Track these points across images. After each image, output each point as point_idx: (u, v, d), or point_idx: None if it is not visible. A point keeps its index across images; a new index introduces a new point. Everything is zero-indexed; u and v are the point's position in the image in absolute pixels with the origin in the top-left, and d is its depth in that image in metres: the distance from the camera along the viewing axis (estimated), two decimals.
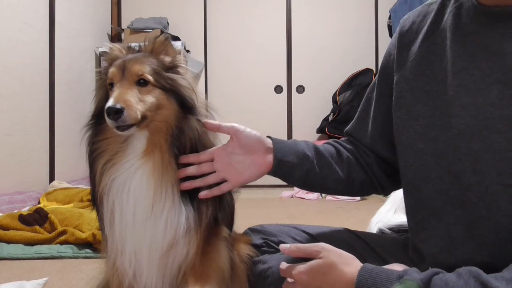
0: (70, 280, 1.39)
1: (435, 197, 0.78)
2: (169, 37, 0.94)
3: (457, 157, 0.72)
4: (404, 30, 0.87)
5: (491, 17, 0.67)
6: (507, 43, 0.65)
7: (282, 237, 1.03)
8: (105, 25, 4.14)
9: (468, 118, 0.70)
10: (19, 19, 2.72)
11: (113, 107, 0.79)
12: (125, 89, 0.84)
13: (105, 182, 0.86)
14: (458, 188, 0.73)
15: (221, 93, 4.21)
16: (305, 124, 4.29)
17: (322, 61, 4.30)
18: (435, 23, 0.79)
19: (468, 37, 0.71)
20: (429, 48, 0.78)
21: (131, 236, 0.86)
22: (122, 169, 0.86)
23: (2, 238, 1.79)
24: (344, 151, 0.99)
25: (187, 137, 0.87)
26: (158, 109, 0.86)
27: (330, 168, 0.95)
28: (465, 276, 0.60)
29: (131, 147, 0.87)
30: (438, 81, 0.76)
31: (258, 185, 4.04)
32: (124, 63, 0.87)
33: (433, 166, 0.77)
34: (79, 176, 3.42)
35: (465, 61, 0.71)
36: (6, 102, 2.57)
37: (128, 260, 0.86)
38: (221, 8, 4.35)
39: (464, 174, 0.71)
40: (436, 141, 0.76)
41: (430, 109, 0.77)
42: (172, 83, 0.88)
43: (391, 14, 3.70)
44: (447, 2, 0.78)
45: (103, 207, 0.87)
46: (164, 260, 0.87)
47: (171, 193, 0.85)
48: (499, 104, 0.65)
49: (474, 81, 0.69)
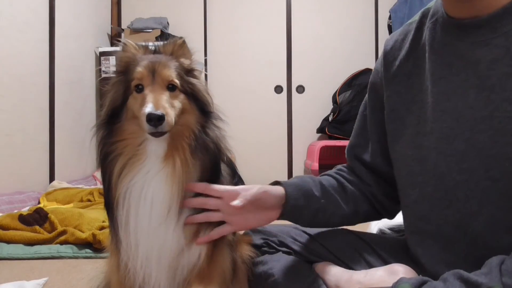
0: (70, 280, 1.39)
1: (421, 201, 0.82)
2: (184, 39, 0.93)
3: (442, 159, 0.77)
4: (388, 49, 0.92)
5: (462, 28, 0.73)
6: (478, 51, 0.71)
7: (282, 237, 1.03)
8: (105, 25, 4.14)
9: (450, 121, 0.75)
10: (19, 19, 2.72)
11: (155, 114, 0.77)
12: (159, 94, 0.82)
13: (124, 187, 0.84)
14: (443, 189, 0.77)
15: (221, 93, 4.20)
16: (305, 124, 4.29)
17: (322, 61, 4.30)
18: (416, 39, 0.85)
19: (444, 48, 0.77)
20: (414, 63, 0.84)
21: (145, 239, 0.85)
22: (141, 174, 0.84)
23: (2, 238, 1.79)
24: (348, 184, 1.00)
25: (209, 142, 0.86)
26: (182, 113, 0.86)
27: (337, 206, 0.97)
28: (449, 279, 0.65)
29: (150, 150, 0.86)
30: (422, 91, 0.81)
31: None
32: (154, 66, 0.85)
33: (419, 171, 0.82)
34: (79, 176, 3.42)
35: (443, 70, 0.76)
36: (6, 102, 2.57)
37: (140, 263, 0.86)
38: (221, 8, 4.35)
39: (450, 174, 0.76)
40: (421, 147, 0.81)
41: (416, 117, 0.82)
42: (192, 87, 0.88)
43: (391, 14, 3.70)
44: (424, 19, 0.84)
45: (118, 211, 0.85)
46: (174, 264, 0.87)
47: (186, 197, 0.85)
48: (477, 107, 0.71)
49: (453, 88, 0.74)
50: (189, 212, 0.86)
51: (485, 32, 0.69)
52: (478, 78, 0.71)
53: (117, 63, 0.93)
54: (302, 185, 0.95)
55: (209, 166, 0.87)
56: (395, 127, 0.89)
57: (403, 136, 0.86)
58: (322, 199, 0.95)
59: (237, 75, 4.32)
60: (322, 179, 1.00)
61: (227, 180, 0.93)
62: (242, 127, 4.08)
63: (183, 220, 0.86)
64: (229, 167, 0.96)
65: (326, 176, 1.03)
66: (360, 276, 0.85)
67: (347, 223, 1.02)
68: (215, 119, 0.90)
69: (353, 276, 0.86)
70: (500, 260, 0.63)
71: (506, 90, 0.67)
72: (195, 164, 0.85)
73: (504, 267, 0.61)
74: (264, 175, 4.14)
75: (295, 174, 4.24)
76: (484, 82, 0.70)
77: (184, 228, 0.86)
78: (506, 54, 0.67)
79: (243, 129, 4.11)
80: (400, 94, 0.87)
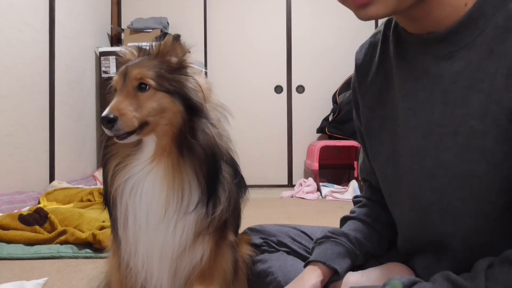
0: (70, 280, 1.39)
1: (402, 222, 0.81)
2: (179, 36, 0.92)
3: (414, 178, 0.74)
4: (359, 63, 0.90)
5: (423, 43, 0.71)
6: (442, 64, 0.68)
7: (281, 237, 1.04)
8: (105, 25, 4.14)
9: (420, 139, 0.72)
10: (19, 19, 2.72)
11: (106, 116, 0.80)
12: (123, 97, 0.84)
13: (118, 183, 0.86)
14: (418, 210, 0.75)
15: (221, 93, 4.16)
16: (305, 124, 4.29)
17: (322, 61, 4.30)
18: (384, 53, 0.82)
19: (410, 62, 0.74)
20: (384, 77, 0.82)
21: (144, 238, 0.86)
22: (133, 172, 0.86)
23: (2, 238, 1.79)
24: (371, 222, 0.93)
25: (201, 140, 0.85)
26: (162, 112, 0.85)
27: (373, 250, 0.92)
28: (438, 279, 0.63)
29: (141, 151, 0.87)
30: (393, 106, 0.78)
31: (258, 185, 4.05)
32: (126, 69, 0.86)
33: (398, 191, 0.79)
34: (79, 176, 3.42)
35: (410, 85, 0.74)
36: (6, 102, 2.57)
37: (141, 262, 0.87)
38: (221, 8, 4.35)
39: (423, 194, 0.73)
40: (398, 166, 0.78)
41: (392, 134, 0.79)
42: (177, 85, 0.86)
43: None
44: (387, 32, 0.82)
45: (116, 209, 0.87)
46: (176, 263, 0.88)
47: (182, 197, 0.85)
48: (443, 123, 0.68)
49: (420, 103, 0.72)
50: (189, 213, 0.86)
51: (447, 46, 0.67)
52: (443, 92, 0.68)
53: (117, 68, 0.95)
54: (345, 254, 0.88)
55: (202, 167, 0.85)
56: (371, 143, 0.86)
57: (381, 154, 0.83)
58: (363, 256, 0.90)
59: (237, 75, 4.32)
60: (355, 232, 0.91)
61: (228, 180, 0.91)
62: (242, 127, 4.08)
63: (184, 220, 0.85)
64: (231, 167, 0.94)
65: (356, 223, 0.94)
66: (357, 276, 0.85)
67: None
68: (211, 118, 0.88)
69: (349, 277, 0.85)
70: (487, 263, 0.61)
71: (468, 104, 0.64)
72: (185, 164, 0.84)
73: (489, 272, 0.59)
74: (264, 175, 4.14)
75: (295, 174, 4.25)
76: (448, 96, 0.67)
77: (185, 229, 0.86)
78: (467, 67, 0.65)
79: (243, 129, 4.11)
80: (373, 110, 0.84)
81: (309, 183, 3.60)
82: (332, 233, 0.90)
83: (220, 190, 0.88)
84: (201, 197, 0.85)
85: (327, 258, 0.84)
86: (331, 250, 0.86)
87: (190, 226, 0.86)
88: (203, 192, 0.85)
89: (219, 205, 0.87)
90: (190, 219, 0.86)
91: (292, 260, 0.97)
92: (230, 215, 0.92)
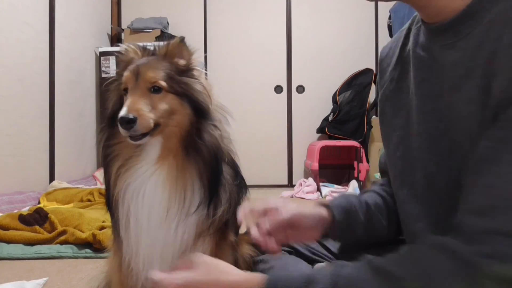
0: (70, 280, 1.39)
1: (409, 201, 0.82)
2: (184, 38, 0.92)
3: (430, 158, 0.76)
4: (382, 57, 0.95)
5: (434, 32, 0.75)
6: (445, 54, 0.72)
7: None
8: (105, 25, 4.14)
9: (436, 122, 0.75)
10: (19, 19, 2.72)
11: (125, 117, 0.79)
12: (138, 97, 0.83)
13: (120, 186, 0.86)
14: (433, 190, 0.76)
15: (221, 93, 4.17)
16: (305, 124, 4.29)
17: (322, 61, 4.30)
18: (404, 44, 0.87)
19: (425, 52, 0.78)
20: (402, 67, 0.86)
21: (145, 239, 0.86)
22: (137, 175, 0.85)
23: (2, 238, 1.79)
24: (389, 199, 0.97)
25: (206, 143, 0.85)
26: (172, 114, 0.85)
27: (379, 227, 0.94)
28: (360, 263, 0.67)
29: (145, 152, 0.87)
30: (408, 94, 0.82)
31: (258, 185, 4.04)
32: (138, 69, 0.85)
33: (409, 172, 0.81)
34: (79, 176, 3.42)
35: (425, 73, 0.78)
36: (6, 102, 2.57)
37: (142, 262, 0.87)
38: (221, 8, 4.35)
39: (440, 173, 0.75)
40: (409, 148, 0.81)
41: (404, 120, 0.83)
42: (185, 88, 0.87)
43: (391, 14, 3.70)
44: (412, 26, 0.86)
45: (118, 210, 0.87)
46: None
47: (185, 198, 0.85)
48: (450, 108, 0.72)
49: (434, 90, 0.75)
50: (190, 214, 0.86)
51: (450, 36, 0.71)
52: (448, 79, 0.72)
53: (118, 67, 0.94)
54: (348, 208, 0.92)
55: (206, 168, 0.86)
56: (383, 129, 0.91)
57: (392, 139, 0.87)
58: (366, 223, 0.92)
59: (237, 75, 4.32)
60: (368, 197, 0.97)
61: (229, 181, 0.92)
62: (242, 127, 4.08)
63: (185, 221, 0.85)
64: (232, 168, 0.95)
65: (371, 193, 0.99)
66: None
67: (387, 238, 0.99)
68: (214, 120, 0.88)
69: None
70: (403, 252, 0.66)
71: (461, 91, 0.68)
72: (190, 165, 0.84)
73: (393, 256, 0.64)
74: (264, 175, 4.14)
75: (295, 174, 4.24)
76: (448, 84, 0.71)
77: (186, 230, 0.86)
78: (463, 57, 0.68)
79: (243, 129, 4.11)
80: (389, 98, 0.89)
81: (309, 183, 3.60)
82: None
83: (222, 192, 0.89)
84: (203, 199, 0.86)
85: None
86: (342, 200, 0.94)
87: (191, 227, 0.86)
88: (205, 194, 0.86)
89: (220, 206, 0.88)
90: (192, 220, 0.86)
91: (294, 260, 0.97)
92: (231, 215, 0.93)
